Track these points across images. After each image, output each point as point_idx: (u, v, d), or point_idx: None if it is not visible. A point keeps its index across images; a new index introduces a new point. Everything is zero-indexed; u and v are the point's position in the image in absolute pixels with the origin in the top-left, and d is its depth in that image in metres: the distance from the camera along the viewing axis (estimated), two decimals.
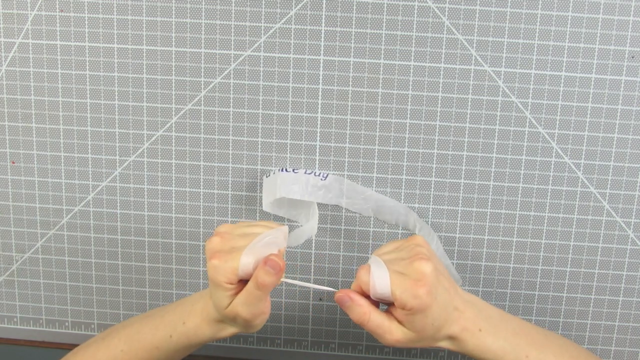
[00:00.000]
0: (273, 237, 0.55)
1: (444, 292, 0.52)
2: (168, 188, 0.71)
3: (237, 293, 0.53)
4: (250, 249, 0.53)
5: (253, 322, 0.54)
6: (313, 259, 0.72)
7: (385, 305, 0.54)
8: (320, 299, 0.73)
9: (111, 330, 0.62)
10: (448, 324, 0.53)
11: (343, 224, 0.71)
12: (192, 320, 0.56)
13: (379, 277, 0.52)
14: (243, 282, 0.54)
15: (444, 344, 0.54)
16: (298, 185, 0.67)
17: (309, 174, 0.68)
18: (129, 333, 0.59)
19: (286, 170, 0.68)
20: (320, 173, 0.68)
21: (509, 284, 0.71)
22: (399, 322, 0.52)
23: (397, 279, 0.51)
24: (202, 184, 0.71)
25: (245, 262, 0.52)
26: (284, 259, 0.55)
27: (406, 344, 0.53)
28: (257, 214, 0.71)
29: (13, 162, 0.72)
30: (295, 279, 0.73)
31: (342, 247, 0.71)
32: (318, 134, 0.68)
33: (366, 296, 0.53)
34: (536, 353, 0.54)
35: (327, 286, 0.72)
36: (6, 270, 0.75)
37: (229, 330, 0.56)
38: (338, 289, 0.52)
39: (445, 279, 0.53)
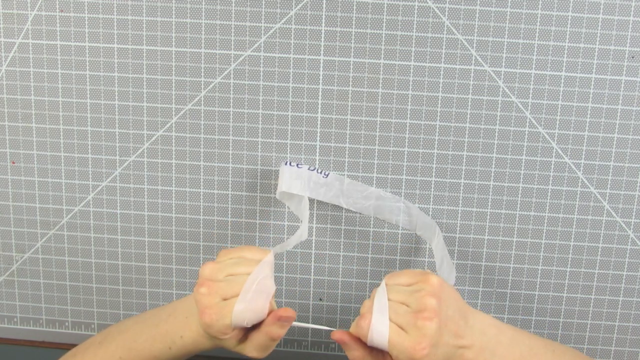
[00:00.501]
0: (261, 279, 0.53)
1: (446, 343, 0.51)
2: (168, 188, 0.71)
3: (237, 336, 0.54)
4: (241, 302, 0.52)
5: (265, 356, 0.56)
6: (313, 259, 0.72)
7: None
8: (320, 299, 0.73)
9: (106, 335, 0.61)
10: None
11: (343, 224, 0.71)
12: (189, 335, 0.56)
13: (378, 332, 0.51)
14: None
15: None
16: (300, 180, 0.67)
17: (312, 170, 0.67)
18: (126, 340, 0.59)
19: (290, 164, 0.67)
20: (322, 171, 0.68)
21: (509, 284, 0.71)
22: None
23: (397, 337, 0.50)
24: (202, 184, 0.71)
25: (239, 318, 0.52)
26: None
27: None
28: (257, 214, 0.71)
29: (13, 162, 0.72)
30: (295, 278, 0.73)
31: (342, 247, 0.71)
32: (318, 134, 0.68)
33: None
34: None
35: (327, 286, 0.73)
36: (6, 270, 0.75)
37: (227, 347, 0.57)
38: (338, 288, 0.52)
39: (454, 322, 0.52)
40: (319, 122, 0.68)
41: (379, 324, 0.51)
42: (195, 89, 0.68)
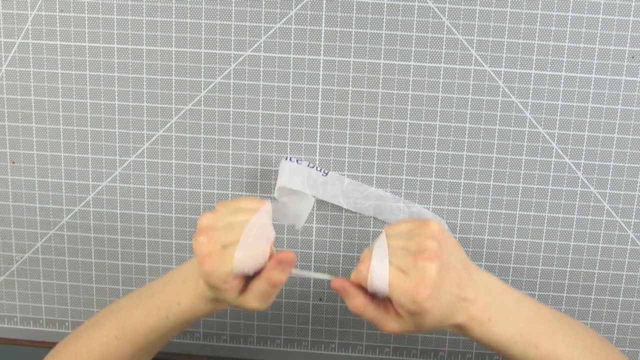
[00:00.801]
0: (260, 224, 0.52)
1: (449, 291, 0.50)
2: (168, 188, 0.71)
3: (238, 287, 0.52)
4: (242, 247, 0.51)
5: (265, 308, 0.54)
6: (313, 259, 0.72)
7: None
8: (320, 299, 0.73)
9: (100, 317, 0.60)
10: (453, 315, 0.51)
11: (343, 224, 0.71)
12: (187, 300, 0.55)
13: (377, 276, 0.50)
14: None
15: (451, 330, 0.53)
16: (300, 176, 0.66)
17: (312, 167, 0.67)
18: (120, 318, 0.58)
19: (290, 160, 0.67)
20: (321, 169, 0.68)
21: (509, 284, 0.70)
22: (397, 313, 0.51)
23: (397, 279, 0.49)
24: (202, 184, 0.71)
25: (240, 264, 0.51)
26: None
27: (404, 333, 0.52)
28: None
29: (13, 162, 0.72)
30: (295, 279, 0.73)
31: (342, 247, 0.71)
32: (318, 134, 0.68)
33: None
34: (547, 343, 0.52)
35: (326, 286, 0.72)
36: (6, 270, 0.75)
37: (225, 306, 0.55)
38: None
39: (456, 271, 0.51)
40: (319, 122, 0.68)
41: (378, 267, 0.50)
42: (195, 89, 0.68)
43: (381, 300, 0.52)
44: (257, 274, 0.52)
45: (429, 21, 0.65)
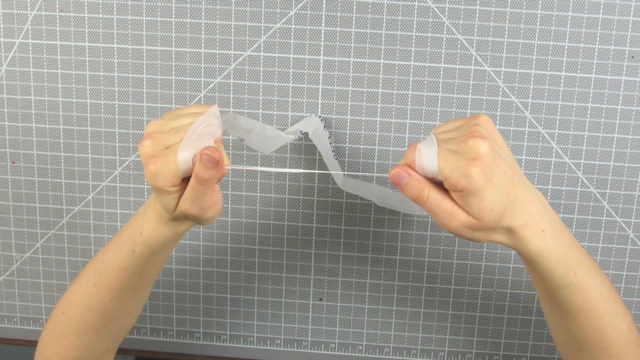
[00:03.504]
0: (205, 124, 0.50)
1: (502, 176, 0.47)
2: None
3: (183, 192, 0.50)
4: (185, 145, 0.49)
5: (204, 216, 0.51)
6: (313, 259, 0.72)
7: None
8: (320, 299, 0.73)
9: (81, 270, 0.60)
10: (509, 214, 0.48)
11: (343, 224, 0.71)
12: (147, 226, 0.53)
13: (426, 155, 0.47)
14: (188, 180, 0.50)
15: (501, 238, 0.49)
16: (318, 133, 0.65)
17: (331, 143, 0.66)
18: (95, 265, 0.57)
19: (321, 118, 0.66)
20: (335, 153, 0.66)
21: (509, 284, 0.71)
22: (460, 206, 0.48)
23: (447, 156, 0.47)
24: None
25: (183, 160, 0.48)
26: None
27: (467, 232, 0.48)
28: (257, 214, 0.71)
29: (13, 162, 0.72)
30: (295, 278, 0.73)
31: (342, 247, 0.71)
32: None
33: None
34: (584, 274, 0.51)
35: (326, 286, 0.73)
36: (6, 270, 0.75)
37: (186, 225, 0.54)
38: (338, 288, 0.51)
39: (507, 165, 0.48)
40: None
41: (426, 148, 0.48)
42: (195, 89, 0.68)
43: (445, 191, 0.49)
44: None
45: (429, 21, 0.65)
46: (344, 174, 0.68)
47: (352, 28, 0.65)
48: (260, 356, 0.75)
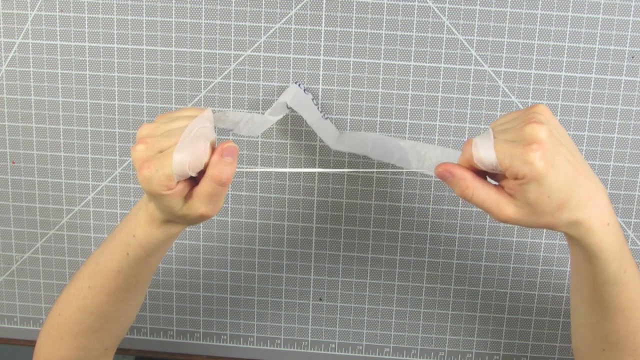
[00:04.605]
0: (199, 127, 0.50)
1: (564, 163, 0.46)
2: None
3: (182, 193, 0.49)
4: (180, 148, 0.48)
5: (213, 215, 0.51)
6: (313, 259, 0.72)
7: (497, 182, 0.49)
8: (320, 299, 0.73)
9: (75, 274, 0.59)
10: (573, 205, 0.46)
11: (343, 224, 0.71)
12: (140, 229, 0.53)
13: (483, 147, 0.47)
14: (183, 181, 0.49)
15: (564, 229, 0.48)
16: (302, 103, 0.64)
17: (315, 104, 0.65)
18: (90, 268, 0.57)
19: (299, 85, 0.65)
20: (323, 111, 0.66)
21: (509, 284, 0.71)
22: (511, 195, 0.47)
23: (504, 146, 0.46)
24: None
25: (178, 163, 0.47)
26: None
27: (520, 220, 0.47)
28: (257, 214, 0.71)
29: (13, 162, 0.72)
30: (295, 278, 0.73)
31: (342, 247, 0.71)
32: (318, 134, 0.68)
33: (478, 171, 0.49)
34: (631, 272, 0.50)
35: (326, 286, 0.73)
36: (6, 270, 0.75)
37: (179, 227, 0.53)
38: (338, 288, 0.51)
39: (569, 151, 0.47)
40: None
41: (482, 140, 0.47)
42: (195, 89, 0.68)
43: (492, 185, 0.49)
44: (200, 177, 0.50)
45: (429, 21, 0.65)
46: (340, 132, 0.66)
47: (352, 28, 0.65)
48: (260, 356, 0.75)
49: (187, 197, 0.50)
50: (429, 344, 0.73)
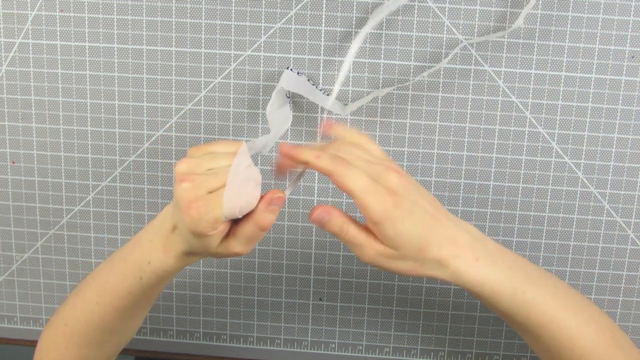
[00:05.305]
0: (245, 165, 0.50)
1: (420, 212, 0.48)
2: (168, 188, 0.71)
3: (223, 233, 0.50)
4: (230, 189, 0.48)
5: (246, 254, 0.52)
6: (313, 259, 0.72)
7: None
8: (320, 299, 0.73)
9: (82, 285, 0.59)
10: (435, 247, 0.49)
11: None
12: (156, 257, 0.53)
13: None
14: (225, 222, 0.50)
15: (436, 272, 0.50)
16: (300, 85, 0.64)
17: (313, 84, 0.66)
18: (99, 284, 0.57)
19: (292, 70, 0.65)
20: (323, 89, 0.66)
21: None
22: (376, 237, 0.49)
23: (367, 183, 0.48)
24: None
25: (230, 207, 0.48)
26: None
27: (385, 261, 0.49)
28: None
29: (13, 162, 0.72)
30: (295, 278, 0.73)
31: (342, 247, 0.71)
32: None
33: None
34: (532, 289, 0.51)
35: (326, 286, 0.73)
36: (6, 270, 0.75)
37: (198, 258, 0.54)
38: (338, 288, 0.51)
39: (425, 197, 0.50)
40: (319, 122, 0.68)
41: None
42: (195, 89, 0.68)
43: (362, 225, 0.50)
44: (241, 218, 0.51)
45: (429, 21, 0.65)
46: (344, 104, 0.67)
47: (352, 28, 0.65)
48: (260, 356, 0.75)
49: (224, 236, 0.51)
50: (429, 344, 0.73)
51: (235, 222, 0.51)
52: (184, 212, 0.48)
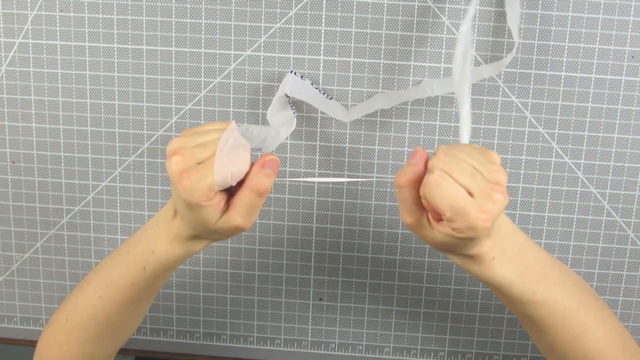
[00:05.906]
0: (233, 138, 0.50)
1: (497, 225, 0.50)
2: (168, 188, 0.71)
3: (220, 204, 0.50)
4: (221, 158, 0.48)
5: (247, 228, 0.52)
6: (313, 259, 0.72)
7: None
8: (320, 299, 0.73)
9: (85, 280, 0.59)
10: (467, 246, 0.50)
11: (343, 223, 0.71)
12: (160, 246, 0.53)
13: (436, 194, 0.48)
14: (219, 192, 0.50)
15: (453, 259, 0.52)
16: (303, 89, 0.65)
17: (316, 88, 0.66)
18: (102, 278, 0.57)
19: (295, 73, 0.66)
20: (325, 92, 0.66)
21: None
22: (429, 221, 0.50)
23: (459, 200, 0.47)
24: None
25: (221, 173, 0.48)
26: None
27: (416, 231, 0.51)
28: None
29: (13, 162, 0.72)
30: (295, 278, 0.73)
31: (342, 247, 0.71)
32: (318, 134, 0.68)
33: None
34: (544, 291, 0.52)
35: (326, 286, 0.73)
36: (6, 270, 0.75)
37: (202, 244, 0.54)
38: (338, 288, 0.51)
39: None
40: (318, 122, 0.68)
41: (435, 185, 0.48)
42: (195, 89, 0.68)
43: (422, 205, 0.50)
44: (238, 188, 0.51)
45: (429, 21, 0.65)
46: (348, 108, 0.67)
47: (352, 28, 0.65)
48: (260, 356, 0.75)
49: (224, 209, 0.51)
50: (429, 344, 0.73)
51: (232, 196, 0.51)
52: (177, 183, 0.49)
